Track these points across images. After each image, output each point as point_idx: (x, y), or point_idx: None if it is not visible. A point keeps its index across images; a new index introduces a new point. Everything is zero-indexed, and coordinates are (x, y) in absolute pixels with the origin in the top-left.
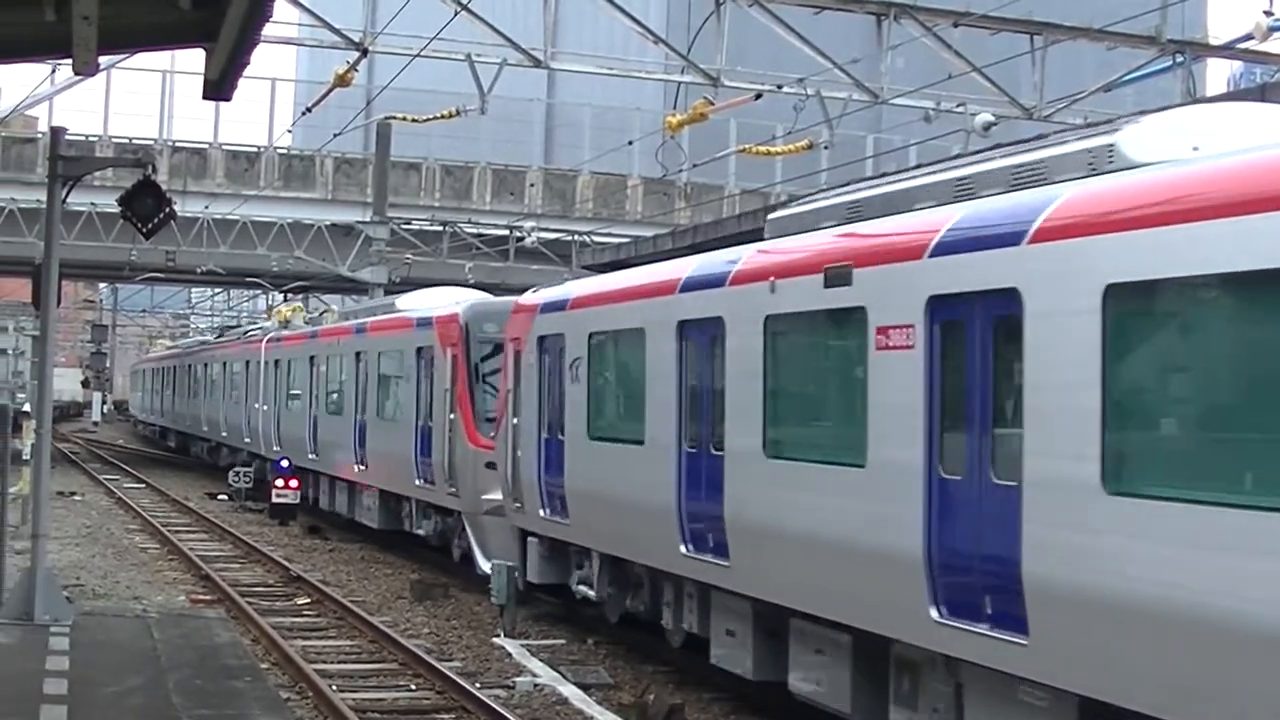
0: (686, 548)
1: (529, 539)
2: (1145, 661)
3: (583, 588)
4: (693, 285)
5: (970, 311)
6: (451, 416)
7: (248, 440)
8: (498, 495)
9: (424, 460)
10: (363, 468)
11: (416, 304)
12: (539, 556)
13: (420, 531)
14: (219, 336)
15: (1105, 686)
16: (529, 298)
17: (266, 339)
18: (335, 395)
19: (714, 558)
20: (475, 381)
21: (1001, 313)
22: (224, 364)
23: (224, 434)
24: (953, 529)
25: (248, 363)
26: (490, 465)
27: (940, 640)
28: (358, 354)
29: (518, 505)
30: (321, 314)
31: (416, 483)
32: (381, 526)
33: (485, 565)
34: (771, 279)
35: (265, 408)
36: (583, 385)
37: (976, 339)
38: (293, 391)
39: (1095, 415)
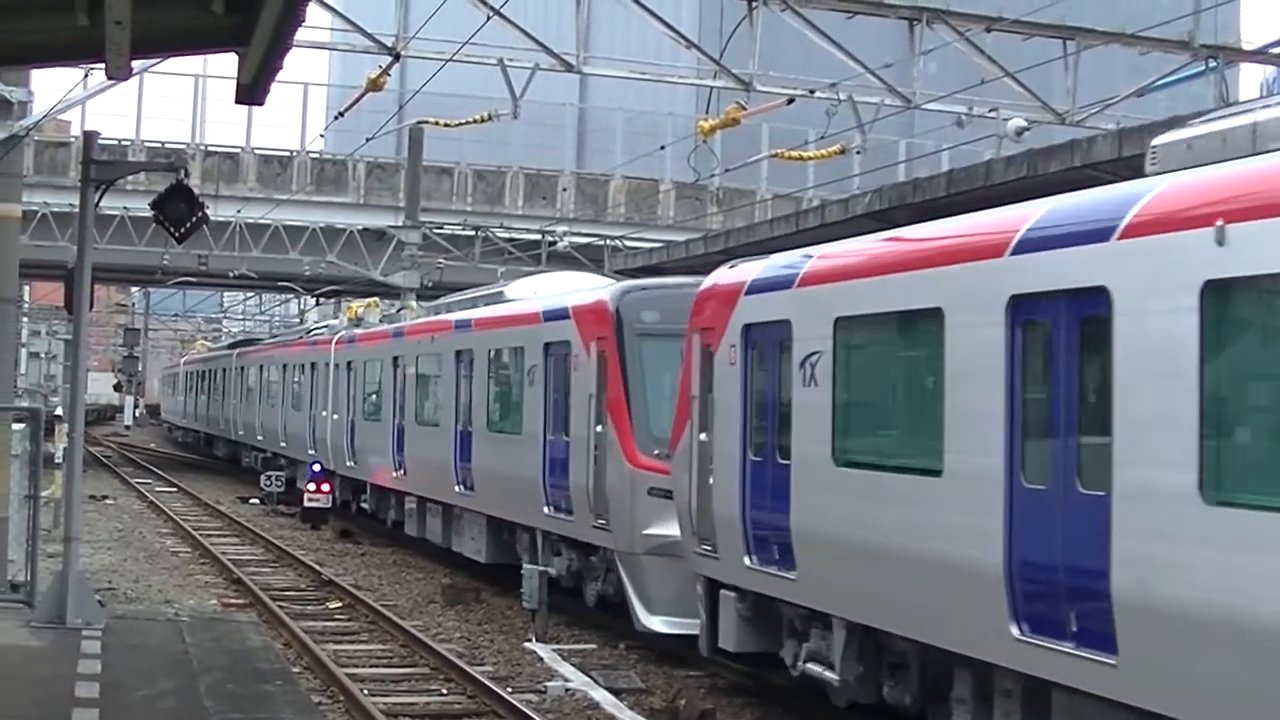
0: (1020, 628)
1: (722, 593)
2: None
3: (814, 666)
4: (1040, 242)
5: None
6: (599, 429)
7: (312, 453)
8: (667, 531)
9: (557, 484)
10: (466, 490)
11: (533, 291)
12: (738, 617)
13: (553, 571)
14: (273, 335)
15: None
16: (727, 275)
17: (336, 338)
18: (428, 403)
19: (1079, 648)
20: (634, 385)
21: None
22: (283, 367)
23: (283, 444)
24: None
25: (312, 365)
26: (658, 493)
27: None
28: (459, 353)
29: (707, 548)
30: (399, 310)
31: (545, 511)
32: (490, 560)
33: (646, 618)
34: (1219, 223)
35: (335, 416)
36: (824, 390)
37: None
38: (371, 398)
39: None
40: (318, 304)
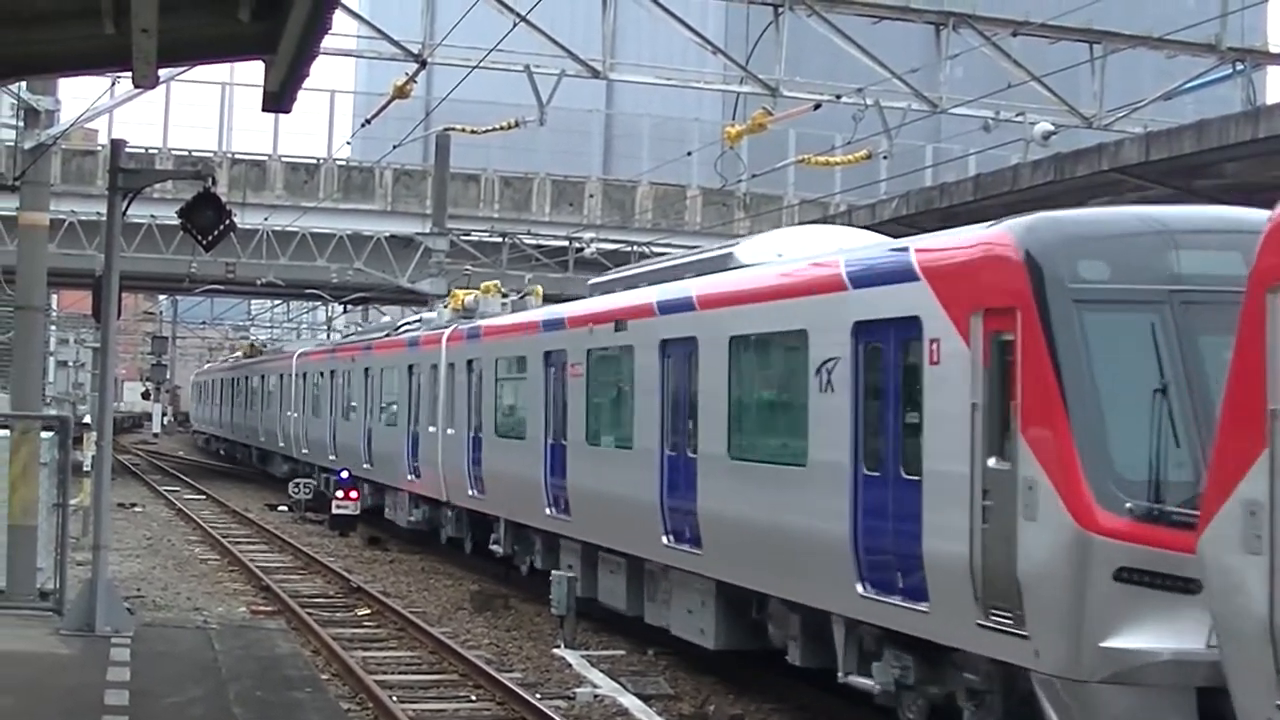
0: None
1: None
2: None
3: None
4: None
5: None
6: (994, 464)
7: (412, 479)
8: (1152, 645)
9: (889, 548)
10: (680, 543)
11: (776, 253)
12: None
13: (870, 685)
14: (347, 336)
15: None
16: None
17: (450, 333)
18: (609, 416)
19: None
20: (1080, 391)
21: None
22: (364, 371)
23: (366, 466)
24: None
25: (410, 368)
26: (1141, 578)
27: None
28: (667, 345)
29: None
30: (523, 295)
31: (858, 590)
32: (723, 646)
33: None
34: None
35: (450, 432)
36: None
37: None
38: (508, 409)
39: None
40: (345, 311)
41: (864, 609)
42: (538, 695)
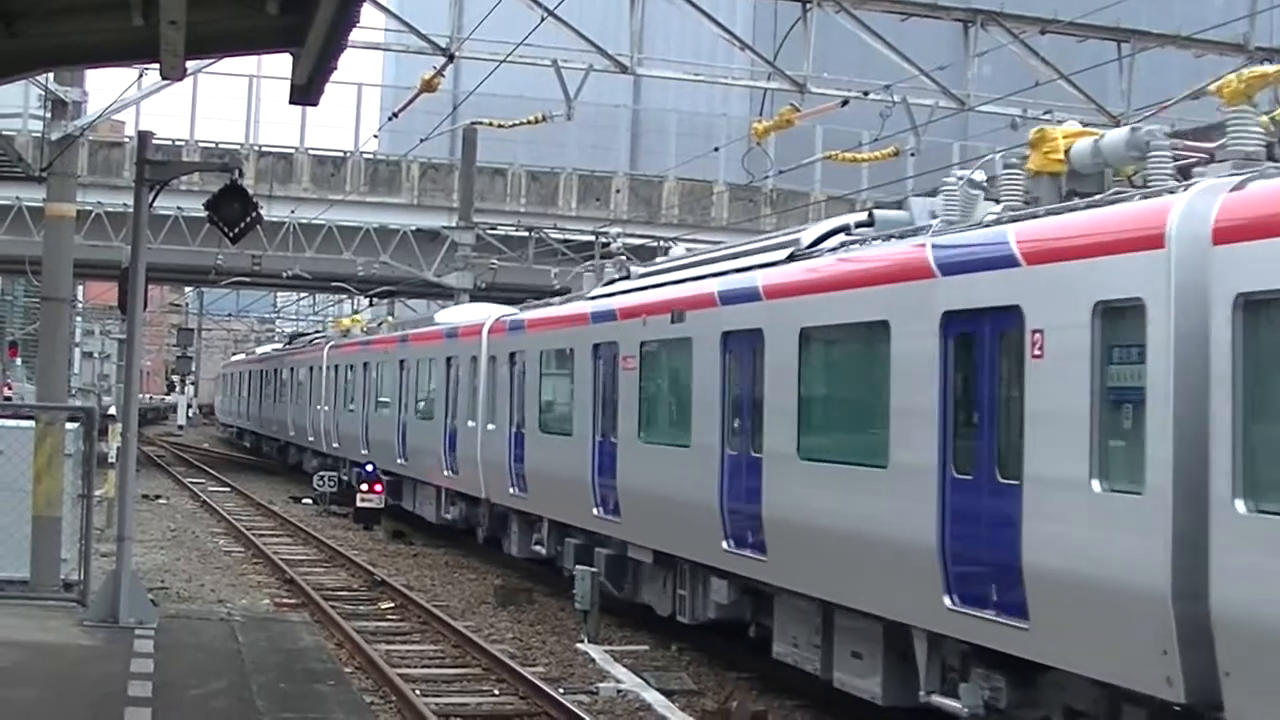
0: None
1: None
2: None
3: None
4: None
5: None
6: None
7: (746, 552)
8: None
9: None
10: None
11: None
12: None
13: None
14: (610, 281)
15: None
16: None
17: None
18: None
19: None
20: None
21: None
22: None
23: (733, 550)
24: None
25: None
26: None
27: None
28: None
29: None
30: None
31: None
32: None
33: None
34: None
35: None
36: None
37: None
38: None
39: None
40: (371, 305)
41: None
42: (561, 690)
